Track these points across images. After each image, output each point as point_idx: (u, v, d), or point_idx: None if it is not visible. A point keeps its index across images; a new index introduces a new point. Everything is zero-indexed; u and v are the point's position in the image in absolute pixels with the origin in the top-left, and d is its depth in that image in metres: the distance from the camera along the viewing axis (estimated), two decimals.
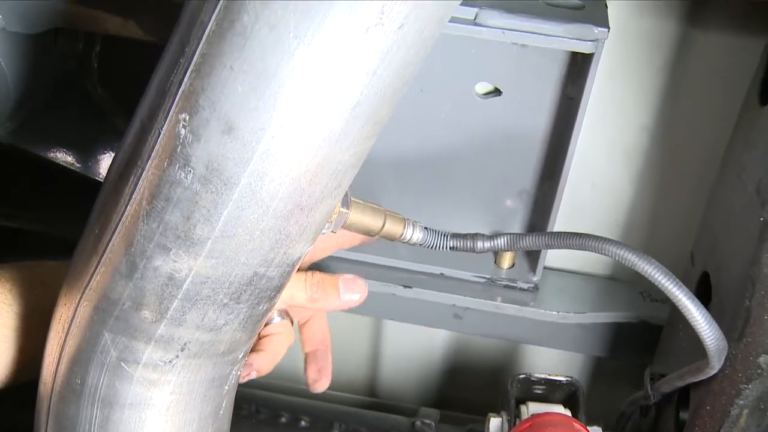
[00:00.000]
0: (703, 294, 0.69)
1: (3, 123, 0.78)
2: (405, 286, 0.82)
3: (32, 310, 0.62)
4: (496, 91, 0.76)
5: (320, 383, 0.74)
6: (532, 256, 0.84)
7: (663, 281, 0.57)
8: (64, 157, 0.88)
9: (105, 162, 0.90)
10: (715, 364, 0.61)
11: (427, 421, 0.85)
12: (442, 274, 0.84)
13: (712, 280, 0.68)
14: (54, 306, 0.59)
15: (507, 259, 0.84)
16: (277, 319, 0.74)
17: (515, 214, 0.84)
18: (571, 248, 0.60)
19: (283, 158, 0.45)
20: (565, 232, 0.61)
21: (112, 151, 0.90)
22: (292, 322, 0.74)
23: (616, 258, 0.57)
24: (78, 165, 0.89)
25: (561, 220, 0.80)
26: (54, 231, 0.95)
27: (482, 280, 0.84)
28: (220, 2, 0.43)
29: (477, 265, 0.84)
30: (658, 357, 0.80)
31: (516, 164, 0.80)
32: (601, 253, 0.58)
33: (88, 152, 0.90)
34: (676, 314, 0.75)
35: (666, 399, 0.74)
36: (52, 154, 0.88)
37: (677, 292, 0.56)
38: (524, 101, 0.76)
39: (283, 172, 0.45)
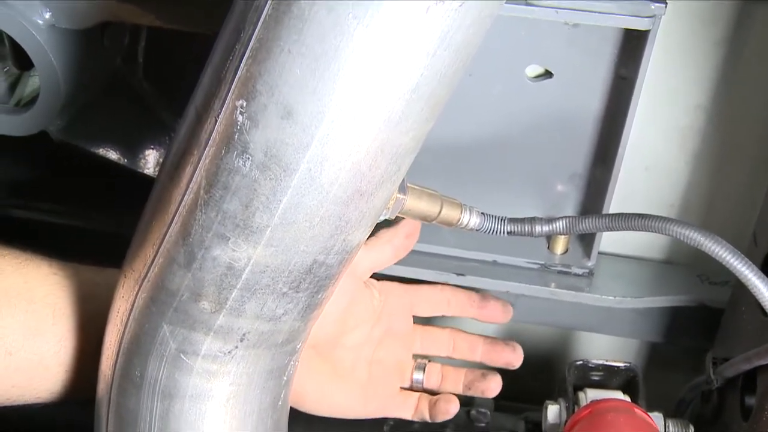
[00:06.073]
0: None
1: (53, 119, 0.78)
2: (458, 274, 0.81)
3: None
4: (547, 74, 0.75)
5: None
6: (586, 241, 0.83)
7: (731, 260, 0.55)
8: (111, 153, 0.89)
9: (152, 156, 0.91)
10: None
11: (482, 410, 0.84)
12: (495, 261, 0.83)
13: None
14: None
15: (561, 245, 0.82)
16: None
17: (567, 199, 0.82)
18: (632, 230, 0.59)
19: (342, 142, 0.44)
20: (625, 213, 0.60)
21: (159, 146, 0.90)
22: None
23: (681, 238, 0.56)
24: (125, 160, 0.90)
25: (614, 204, 0.78)
26: (101, 227, 0.96)
27: (536, 267, 0.82)
28: None
29: (530, 252, 0.83)
30: (719, 341, 0.78)
31: (568, 148, 0.79)
32: (665, 234, 0.57)
33: (134, 147, 0.90)
34: (739, 296, 0.73)
35: (729, 384, 0.73)
36: (100, 150, 0.88)
37: (747, 272, 0.55)
38: (576, 83, 0.74)
39: (343, 156, 0.45)
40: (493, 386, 0.78)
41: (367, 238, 0.72)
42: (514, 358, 0.78)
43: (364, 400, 0.76)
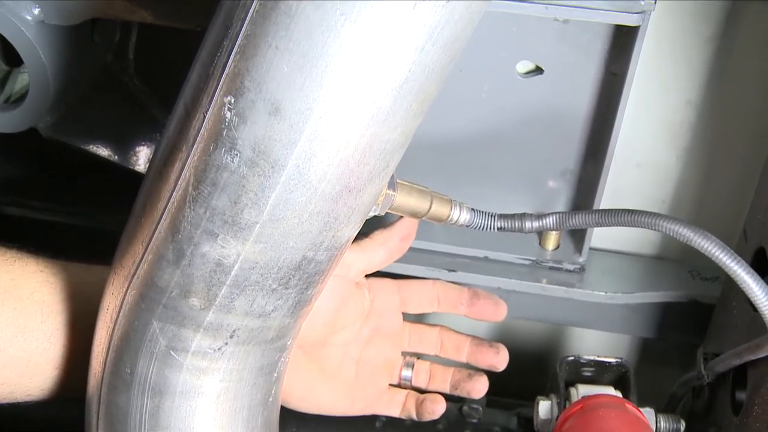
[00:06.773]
0: (758, 270, 0.66)
1: (43, 116, 0.78)
2: (449, 270, 0.81)
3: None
4: (538, 70, 0.75)
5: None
6: (578, 237, 0.83)
7: (720, 256, 0.55)
8: (102, 149, 0.88)
9: (143, 153, 0.90)
10: None
11: (474, 405, 0.84)
12: (486, 257, 0.83)
13: None
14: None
15: (552, 241, 0.83)
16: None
17: (559, 195, 0.82)
18: (622, 226, 0.59)
19: (331, 138, 0.44)
20: (615, 209, 0.60)
21: (150, 142, 0.90)
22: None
23: (671, 234, 0.56)
24: (116, 157, 0.89)
25: (605, 200, 0.79)
26: (94, 224, 0.95)
27: (527, 263, 0.83)
28: None
29: (521, 248, 0.83)
30: (710, 336, 0.78)
31: (559, 144, 0.79)
32: (655, 230, 0.57)
33: (126, 144, 0.90)
34: (729, 292, 0.73)
35: (720, 379, 0.73)
36: (91, 147, 0.88)
37: (736, 267, 0.55)
38: (567, 79, 0.74)
39: (331, 152, 0.45)
40: (478, 387, 0.77)
41: (361, 240, 0.72)
42: (497, 360, 0.78)
43: (351, 398, 0.76)
